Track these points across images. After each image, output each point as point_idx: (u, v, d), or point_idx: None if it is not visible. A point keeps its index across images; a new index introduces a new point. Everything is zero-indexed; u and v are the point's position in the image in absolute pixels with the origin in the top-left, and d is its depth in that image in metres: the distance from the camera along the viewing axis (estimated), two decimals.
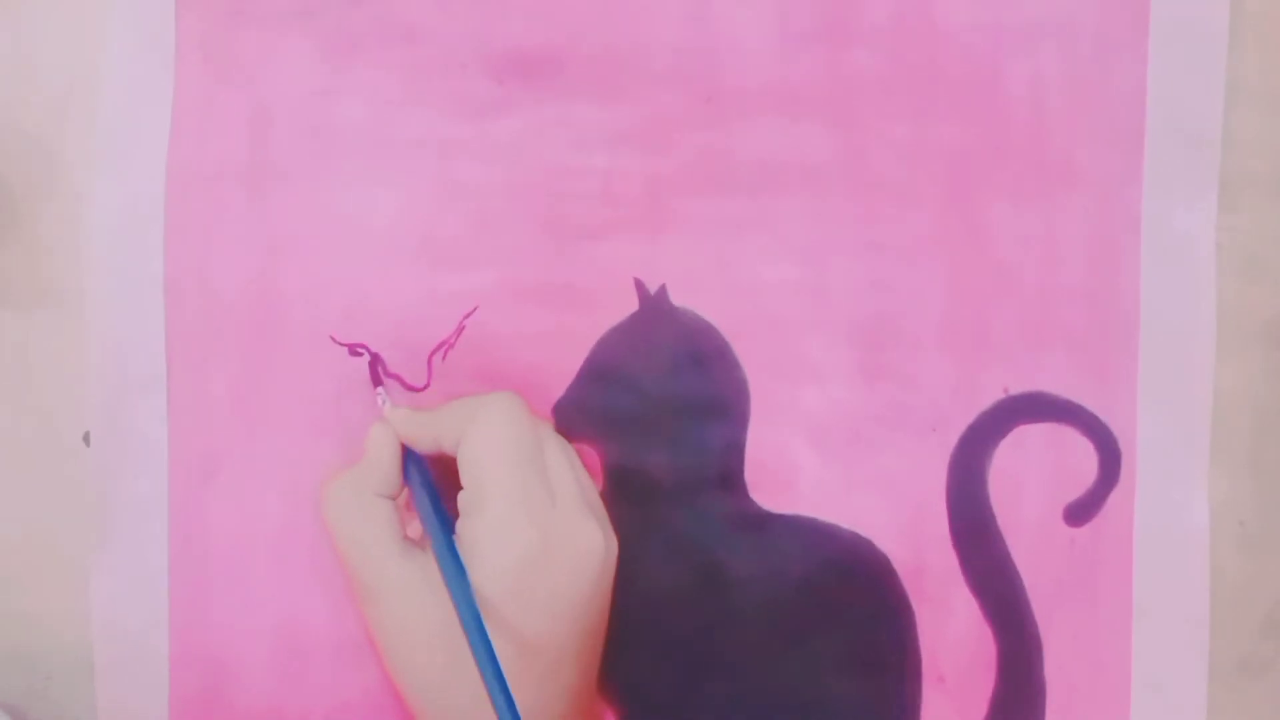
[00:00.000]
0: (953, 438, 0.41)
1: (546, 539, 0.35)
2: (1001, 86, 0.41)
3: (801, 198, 0.41)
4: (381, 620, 0.37)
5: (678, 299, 0.41)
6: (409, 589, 0.36)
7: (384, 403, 0.39)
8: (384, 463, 0.37)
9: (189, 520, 0.41)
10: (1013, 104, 0.41)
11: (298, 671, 0.41)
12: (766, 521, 0.41)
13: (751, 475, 0.41)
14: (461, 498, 0.37)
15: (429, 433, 0.38)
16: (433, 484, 0.37)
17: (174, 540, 0.41)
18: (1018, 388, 0.41)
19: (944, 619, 0.41)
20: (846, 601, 0.41)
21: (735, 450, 0.41)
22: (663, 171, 0.41)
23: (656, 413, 0.41)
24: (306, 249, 0.41)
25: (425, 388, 0.40)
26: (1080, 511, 0.41)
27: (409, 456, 0.38)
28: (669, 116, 0.41)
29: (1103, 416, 0.41)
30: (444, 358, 0.41)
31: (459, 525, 0.36)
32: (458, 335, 0.41)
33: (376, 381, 0.40)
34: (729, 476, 0.41)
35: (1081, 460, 0.41)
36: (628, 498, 0.41)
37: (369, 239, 0.41)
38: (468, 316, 0.41)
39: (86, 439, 0.42)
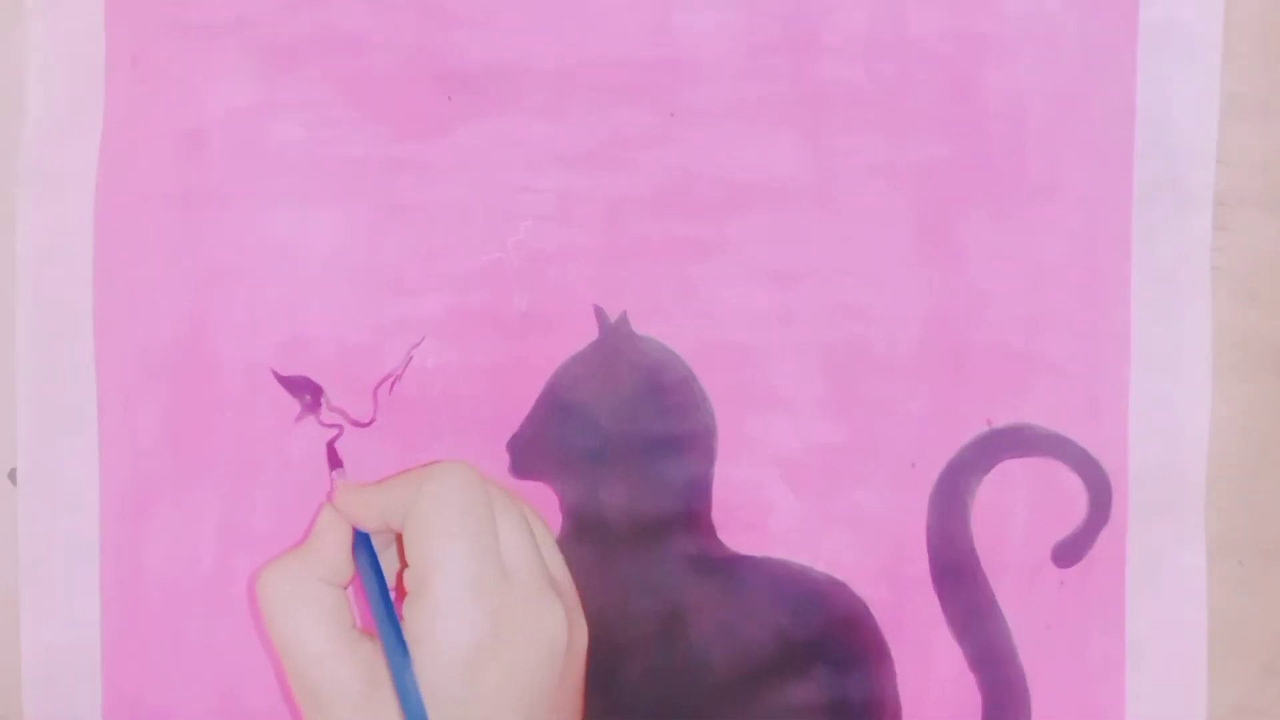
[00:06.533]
0: (933, 473, 0.40)
1: (497, 622, 0.32)
2: (980, 99, 0.39)
3: (769, 218, 0.40)
4: None
5: (640, 326, 0.40)
6: (356, 690, 0.32)
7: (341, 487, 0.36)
8: (329, 546, 0.35)
9: (122, 562, 0.41)
10: (992, 118, 0.39)
11: None
12: (734, 564, 0.39)
13: (718, 515, 0.40)
14: (406, 576, 0.34)
15: (375, 508, 0.35)
16: (379, 565, 0.35)
17: (105, 583, 0.41)
18: (1001, 420, 0.40)
19: (925, 667, 0.39)
20: (820, 650, 0.39)
21: (701, 488, 0.40)
22: (622, 191, 0.40)
23: (617, 449, 0.39)
24: (243, 275, 0.40)
25: (371, 422, 0.40)
26: (1069, 551, 0.40)
27: (357, 535, 0.35)
28: (628, 134, 0.40)
29: (1092, 450, 0.39)
30: (390, 390, 0.39)
31: (404, 607, 0.34)
32: (405, 367, 0.40)
33: (334, 463, 0.38)
34: (694, 516, 0.40)
35: (1070, 497, 0.40)
36: (587, 540, 0.39)
37: (309, 264, 0.40)
38: (415, 347, 0.40)
39: (12, 477, 0.41)
